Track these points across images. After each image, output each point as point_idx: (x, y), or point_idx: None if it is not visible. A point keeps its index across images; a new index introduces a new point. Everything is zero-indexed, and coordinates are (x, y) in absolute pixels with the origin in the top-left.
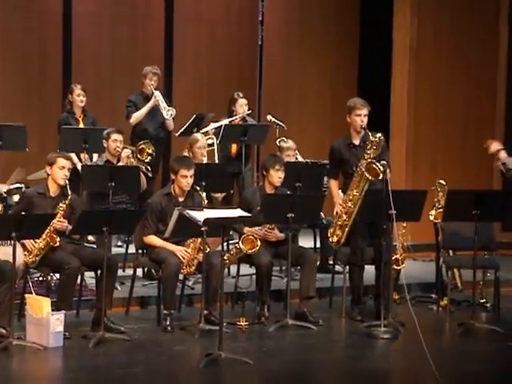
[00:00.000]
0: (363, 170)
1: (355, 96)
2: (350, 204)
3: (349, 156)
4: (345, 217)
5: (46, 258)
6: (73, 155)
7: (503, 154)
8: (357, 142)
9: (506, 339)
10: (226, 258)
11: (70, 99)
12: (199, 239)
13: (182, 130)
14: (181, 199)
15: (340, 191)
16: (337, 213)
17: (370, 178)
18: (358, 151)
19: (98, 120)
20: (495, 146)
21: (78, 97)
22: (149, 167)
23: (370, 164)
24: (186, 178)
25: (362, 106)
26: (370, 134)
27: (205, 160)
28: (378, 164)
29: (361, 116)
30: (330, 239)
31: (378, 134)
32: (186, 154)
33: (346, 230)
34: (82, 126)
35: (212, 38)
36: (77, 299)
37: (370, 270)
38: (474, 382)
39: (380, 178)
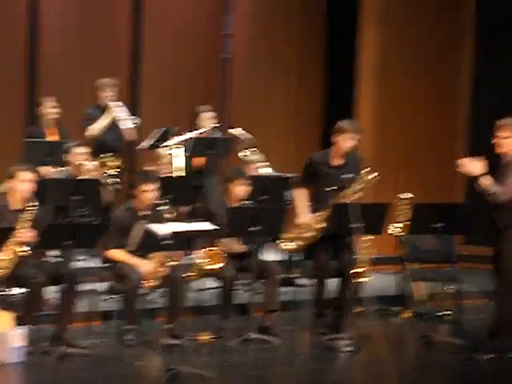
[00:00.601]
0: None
1: (319, 109)
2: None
3: (327, 175)
4: (311, 233)
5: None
6: (43, 168)
7: (486, 181)
8: (338, 162)
9: (467, 351)
10: (191, 275)
11: (39, 112)
12: (163, 253)
13: (147, 143)
14: (144, 213)
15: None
16: (302, 224)
17: None
18: (337, 172)
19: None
20: (476, 168)
21: (50, 109)
22: (114, 180)
23: None
24: (147, 193)
25: (353, 129)
26: (356, 156)
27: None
28: None
29: (353, 139)
30: (284, 245)
31: (375, 174)
32: (149, 167)
33: (307, 243)
34: (51, 139)
35: (178, 50)
36: (37, 314)
37: (333, 284)
38: None
39: None
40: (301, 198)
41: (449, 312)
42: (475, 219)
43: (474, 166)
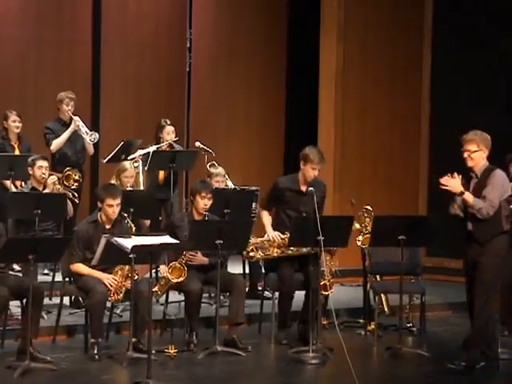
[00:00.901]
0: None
1: (282, 120)
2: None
3: (292, 200)
4: (277, 250)
5: None
6: (7, 182)
7: (469, 198)
8: (304, 188)
9: (432, 363)
10: (156, 289)
11: (4, 125)
12: (127, 266)
13: (109, 156)
14: (108, 226)
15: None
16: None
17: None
18: (303, 198)
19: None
20: (456, 185)
21: (14, 123)
22: (75, 193)
23: None
24: (111, 207)
25: (319, 159)
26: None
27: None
28: None
29: (315, 170)
30: (252, 253)
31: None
32: (113, 181)
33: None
34: (17, 152)
35: (140, 62)
36: (1, 329)
37: (298, 296)
38: None
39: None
40: (267, 219)
41: (413, 324)
42: (438, 232)
43: (454, 183)
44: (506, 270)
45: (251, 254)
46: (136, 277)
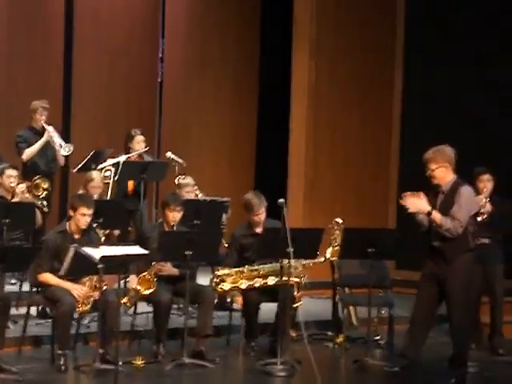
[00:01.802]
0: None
1: (254, 134)
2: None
3: (250, 244)
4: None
5: None
6: None
7: (437, 216)
8: (259, 230)
9: (398, 376)
10: (125, 301)
11: None
12: (95, 277)
13: (79, 166)
14: (77, 236)
15: None
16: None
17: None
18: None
19: None
20: (423, 205)
21: None
22: (44, 202)
23: None
24: (84, 217)
25: (259, 206)
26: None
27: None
28: None
29: (259, 215)
30: (221, 285)
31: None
32: (81, 191)
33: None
34: None
35: (112, 73)
36: None
37: (264, 308)
38: None
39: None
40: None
41: (381, 337)
42: (407, 244)
43: (420, 204)
44: (473, 285)
45: (221, 286)
46: (104, 287)
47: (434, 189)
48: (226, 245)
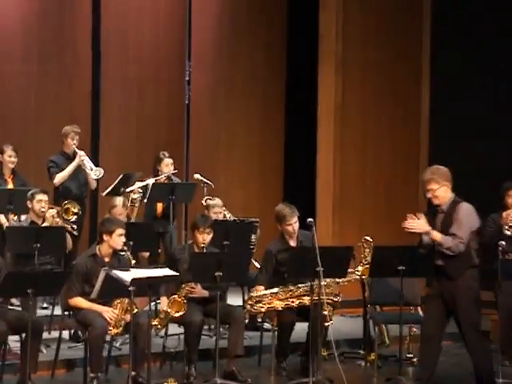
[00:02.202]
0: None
1: (281, 155)
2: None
3: (285, 259)
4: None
5: None
6: (1, 216)
7: (437, 236)
8: (293, 243)
9: None
10: (156, 323)
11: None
12: (126, 299)
13: (108, 189)
14: (107, 260)
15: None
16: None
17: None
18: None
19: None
20: (423, 225)
21: (10, 158)
22: (74, 226)
23: None
24: (121, 237)
25: (291, 216)
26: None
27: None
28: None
29: (291, 225)
30: (256, 307)
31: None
32: (107, 216)
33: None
34: (11, 186)
35: (140, 96)
36: (0, 363)
37: (298, 327)
38: None
39: None
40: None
41: (413, 355)
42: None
43: (419, 225)
44: (508, 300)
45: (255, 307)
46: (135, 310)
47: (434, 208)
48: (257, 265)
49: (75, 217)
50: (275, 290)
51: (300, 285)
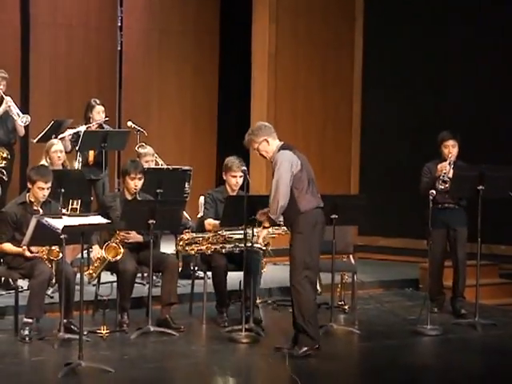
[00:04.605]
0: None
1: (215, 100)
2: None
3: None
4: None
5: None
6: None
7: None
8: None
9: (363, 340)
10: (91, 271)
11: None
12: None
13: (39, 136)
14: (37, 207)
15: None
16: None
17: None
18: None
19: None
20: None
21: None
22: (3, 171)
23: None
24: (42, 190)
25: (238, 167)
26: None
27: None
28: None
29: (236, 177)
30: (187, 247)
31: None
32: (43, 161)
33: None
34: None
35: (70, 42)
36: None
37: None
38: (333, 382)
39: None
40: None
41: (344, 302)
42: (369, 210)
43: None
44: (436, 249)
45: (187, 248)
46: (58, 257)
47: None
48: (187, 215)
49: (4, 162)
50: (205, 234)
51: (231, 232)
